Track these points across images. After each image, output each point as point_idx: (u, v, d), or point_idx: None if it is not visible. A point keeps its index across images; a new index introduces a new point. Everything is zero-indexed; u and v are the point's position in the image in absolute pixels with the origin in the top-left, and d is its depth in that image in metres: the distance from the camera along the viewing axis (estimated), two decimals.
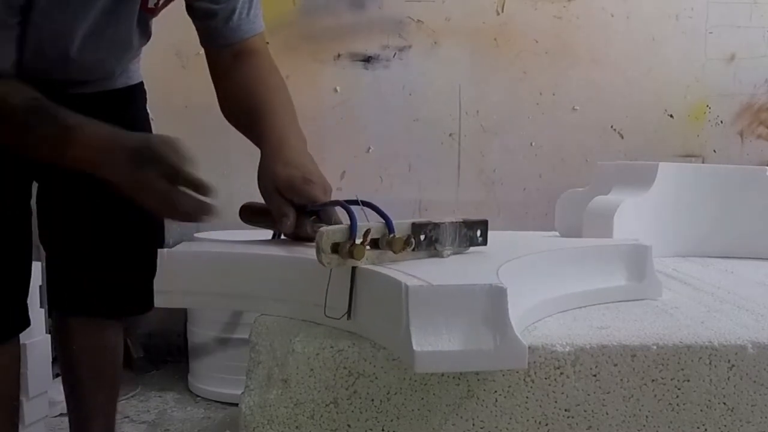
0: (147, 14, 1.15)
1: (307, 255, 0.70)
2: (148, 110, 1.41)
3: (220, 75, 1.14)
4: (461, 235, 0.74)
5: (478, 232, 0.76)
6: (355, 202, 0.72)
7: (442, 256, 0.72)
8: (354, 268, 0.64)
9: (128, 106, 1.33)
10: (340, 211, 0.74)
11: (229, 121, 1.13)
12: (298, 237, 0.88)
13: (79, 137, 0.93)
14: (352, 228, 0.63)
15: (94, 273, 1.30)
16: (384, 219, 0.67)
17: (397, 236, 0.66)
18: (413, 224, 0.69)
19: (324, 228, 0.63)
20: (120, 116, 1.26)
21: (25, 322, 1.24)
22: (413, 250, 0.68)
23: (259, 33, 1.14)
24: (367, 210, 0.73)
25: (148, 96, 1.40)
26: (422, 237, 0.70)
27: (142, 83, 1.38)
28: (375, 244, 0.65)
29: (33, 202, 1.28)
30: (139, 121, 1.36)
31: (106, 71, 1.25)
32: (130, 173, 0.87)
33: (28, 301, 1.23)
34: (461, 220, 0.75)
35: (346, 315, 0.64)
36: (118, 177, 0.90)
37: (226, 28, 1.11)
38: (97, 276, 1.30)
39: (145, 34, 1.21)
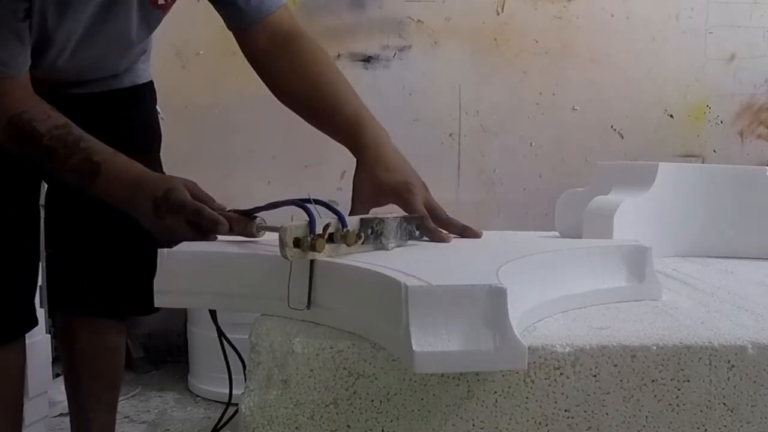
0: (158, 11, 1.15)
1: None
2: (159, 110, 1.41)
3: (262, 60, 1.13)
4: (402, 229, 0.81)
5: (415, 227, 0.85)
6: (308, 201, 0.75)
7: (387, 249, 0.77)
8: (312, 261, 0.68)
9: (136, 105, 1.32)
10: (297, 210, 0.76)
11: (292, 109, 1.13)
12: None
13: (104, 173, 0.94)
14: (311, 223, 0.68)
15: (98, 273, 1.30)
16: (337, 215, 0.72)
17: (350, 230, 0.71)
18: (361, 219, 0.75)
19: (286, 224, 0.67)
20: (127, 116, 1.25)
21: (32, 322, 1.24)
22: (362, 243, 0.74)
23: (283, 5, 1.14)
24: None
25: None
26: (370, 231, 0.75)
27: (151, 82, 1.36)
28: (330, 238, 0.70)
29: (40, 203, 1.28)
30: (148, 120, 1.35)
31: (108, 69, 1.24)
32: (154, 220, 0.90)
33: None
34: (402, 216, 0.82)
35: (306, 306, 0.68)
36: (142, 221, 0.92)
37: (249, 6, 1.11)
38: (102, 276, 1.30)
39: (148, 29, 1.20)
